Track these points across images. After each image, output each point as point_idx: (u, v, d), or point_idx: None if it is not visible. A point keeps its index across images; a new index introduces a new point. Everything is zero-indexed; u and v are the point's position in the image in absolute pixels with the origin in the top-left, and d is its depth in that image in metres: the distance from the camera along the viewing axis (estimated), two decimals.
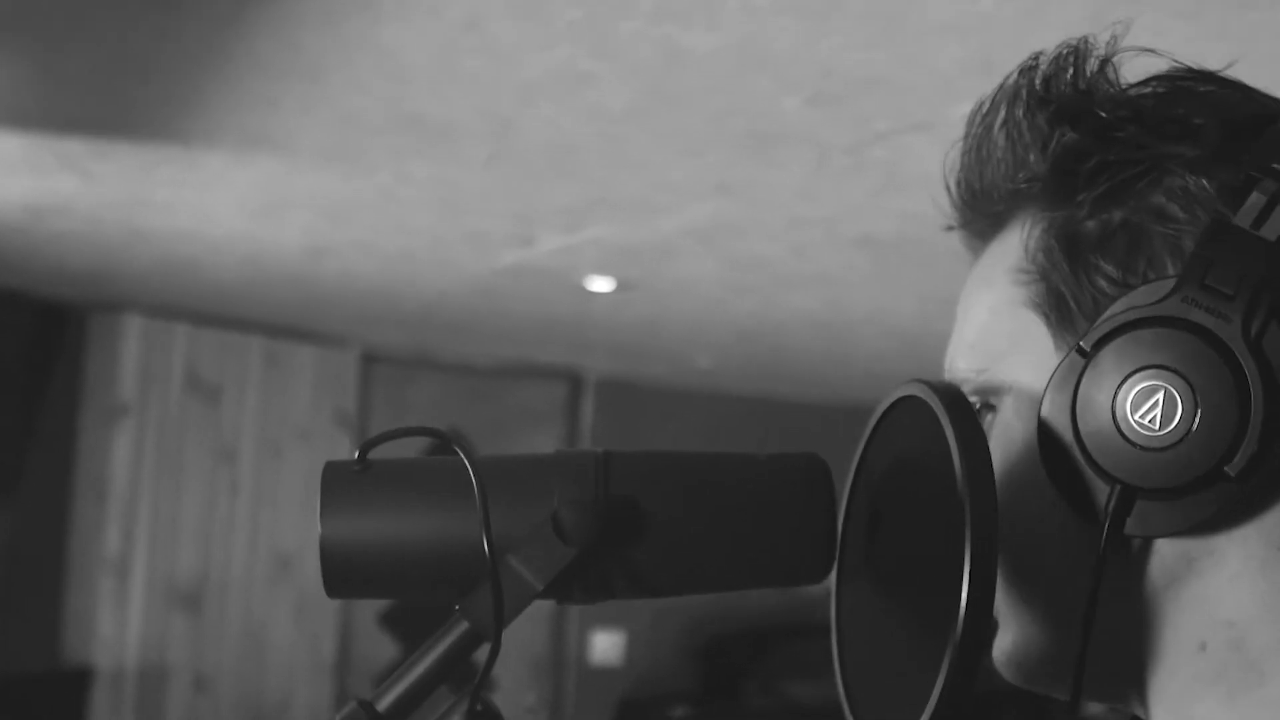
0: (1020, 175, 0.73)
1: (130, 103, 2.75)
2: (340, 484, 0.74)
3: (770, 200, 3.18)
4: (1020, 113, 0.74)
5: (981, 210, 0.77)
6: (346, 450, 5.95)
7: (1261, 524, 0.67)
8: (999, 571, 0.65)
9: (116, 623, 5.18)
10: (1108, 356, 0.67)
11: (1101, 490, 0.67)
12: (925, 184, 3.43)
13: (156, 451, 5.32)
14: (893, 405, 0.75)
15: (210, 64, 2.46)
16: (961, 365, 0.78)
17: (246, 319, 5.42)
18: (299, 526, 5.76)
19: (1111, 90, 0.74)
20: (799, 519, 0.74)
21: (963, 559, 0.64)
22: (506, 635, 0.72)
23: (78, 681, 5.03)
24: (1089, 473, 0.68)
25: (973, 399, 0.75)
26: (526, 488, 0.73)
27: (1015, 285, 0.74)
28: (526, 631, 6.36)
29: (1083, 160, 0.71)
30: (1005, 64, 2.53)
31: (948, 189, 0.79)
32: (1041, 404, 0.69)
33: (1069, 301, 0.70)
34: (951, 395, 0.69)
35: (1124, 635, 0.71)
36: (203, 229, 3.82)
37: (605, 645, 6.61)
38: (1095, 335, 0.67)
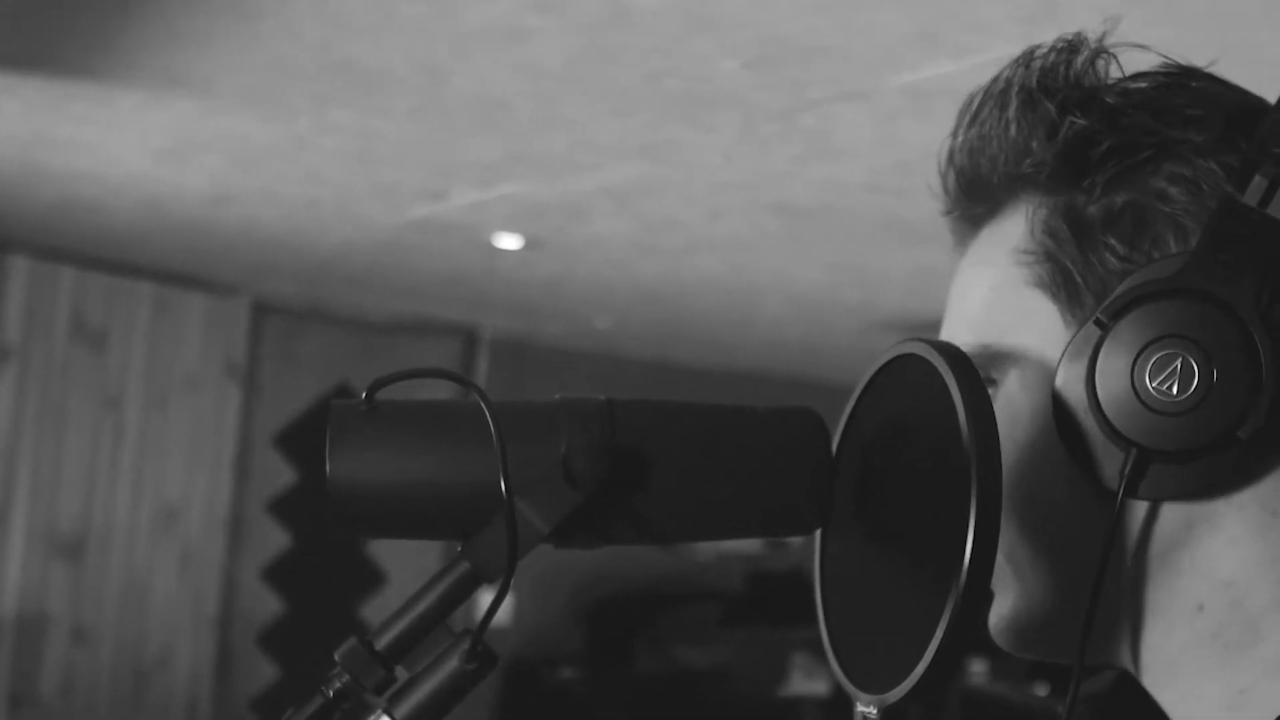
0: (1026, 162, 0.76)
1: (46, 36, 2.66)
2: (348, 422, 0.74)
3: (693, 163, 3.17)
4: (1020, 103, 0.76)
5: (979, 198, 0.79)
6: (235, 401, 5.85)
7: (1257, 490, 0.70)
8: (1002, 537, 0.66)
9: None
10: (1126, 327, 0.70)
11: (1116, 455, 0.70)
12: (849, 153, 3.44)
13: (39, 397, 5.18)
14: (887, 364, 0.76)
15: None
16: (966, 339, 0.79)
17: (136, 264, 5.30)
18: (184, 477, 5.65)
19: (1111, 81, 0.77)
20: (797, 471, 0.75)
21: (966, 511, 0.65)
22: (395, 585, 0.72)
23: None
24: (1105, 438, 0.70)
25: None
26: (535, 432, 0.73)
27: (1017, 266, 0.76)
28: (412, 587, 6.30)
29: (1093, 145, 0.73)
30: (949, 36, 2.53)
31: (943, 179, 0.82)
32: (1057, 372, 0.72)
33: (1076, 279, 0.73)
34: (953, 351, 0.70)
35: (1122, 597, 0.74)
36: (104, 170, 3.71)
37: None
38: (1114, 307, 0.70)
